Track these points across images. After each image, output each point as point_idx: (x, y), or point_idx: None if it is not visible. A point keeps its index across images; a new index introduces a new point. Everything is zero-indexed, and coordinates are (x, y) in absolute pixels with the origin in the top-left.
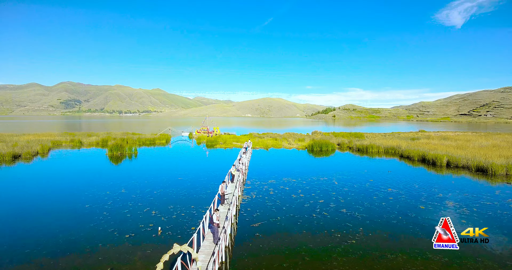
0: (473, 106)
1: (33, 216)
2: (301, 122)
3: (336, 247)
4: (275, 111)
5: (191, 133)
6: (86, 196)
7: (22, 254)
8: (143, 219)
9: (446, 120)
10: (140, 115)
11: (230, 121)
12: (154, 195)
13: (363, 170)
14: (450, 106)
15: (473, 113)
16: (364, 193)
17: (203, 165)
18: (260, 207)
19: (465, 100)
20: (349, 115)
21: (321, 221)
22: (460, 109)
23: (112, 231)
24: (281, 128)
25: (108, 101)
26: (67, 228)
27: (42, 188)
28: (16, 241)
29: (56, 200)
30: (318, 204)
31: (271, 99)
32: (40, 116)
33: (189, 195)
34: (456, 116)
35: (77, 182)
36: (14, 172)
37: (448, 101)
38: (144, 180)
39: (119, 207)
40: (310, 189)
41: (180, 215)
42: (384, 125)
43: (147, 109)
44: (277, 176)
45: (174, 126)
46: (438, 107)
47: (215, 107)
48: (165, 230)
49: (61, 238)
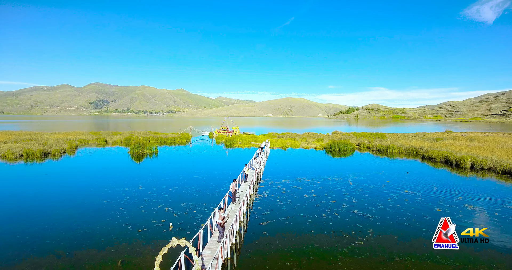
0: (507, 106)
1: (55, 209)
2: (322, 122)
3: (343, 248)
4: (297, 111)
5: (211, 133)
6: (106, 192)
7: (43, 245)
8: (156, 215)
9: (476, 120)
10: (164, 115)
11: (251, 121)
12: (169, 192)
13: (380, 171)
14: (481, 105)
15: (506, 113)
16: (379, 195)
17: (219, 164)
18: (271, 206)
19: (498, 99)
20: (373, 115)
21: (331, 222)
22: (492, 109)
23: (126, 226)
24: (302, 128)
25: (134, 102)
26: (85, 221)
27: (66, 183)
28: (37, 232)
29: (78, 195)
30: (330, 204)
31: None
32: (71, 116)
33: (203, 193)
34: (487, 116)
35: (99, 178)
36: (43, 168)
37: (479, 100)
38: (161, 177)
39: (134, 203)
40: (323, 189)
41: (191, 212)
42: (409, 125)
43: (171, 109)
44: (291, 176)
45: (196, 125)
46: (468, 106)
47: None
48: (176, 226)
49: (78, 231)
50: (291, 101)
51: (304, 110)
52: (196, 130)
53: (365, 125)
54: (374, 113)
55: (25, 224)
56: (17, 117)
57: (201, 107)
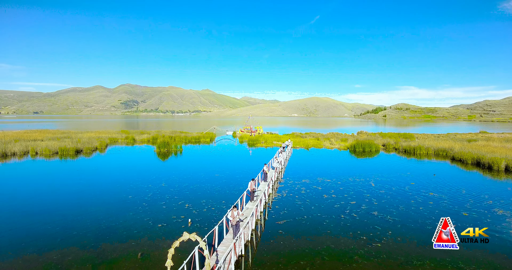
0: None
1: (84, 203)
2: (348, 122)
3: (359, 249)
4: (322, 110)
5: (235, 132)
6: (131, 188)
7: (71, 236)
8: (176, 211)
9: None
10: (191, 114)
11: (275, 120)
12: (190, 190)
13: (405, 173)
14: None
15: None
16: (401, 197)
17: (241, 163)
18: (289, 206)
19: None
20: (402, 115)
21: (348, 223)
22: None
23: (147, 220)
24: (326, 128)
25: (162, 102)
26: (110, 215)
27: (95, 179)
28: (67, 224)
29: (105, 190)
30: (349, 205)
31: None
32: (103, 116)
33: (222, 191)
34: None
35: (125, 175)
36: (75, 165)
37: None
38: (184, 175)
39: (157, 199)
40: (344, 190)
41: (210, 209)
42: (441, 125)
43: (197, 109)
44: (312, 176)
45: (221, 125)
46: (506, 106)
47: (262, 107)
48: (195, 222)
49: (103, 224)
50: (316, 100)
51: (329, 109)
52: (220, 130)
53: (393, 125)
54: (403, 113)
55: (56, 216)
56: (55, 116)
57: (227, 107)
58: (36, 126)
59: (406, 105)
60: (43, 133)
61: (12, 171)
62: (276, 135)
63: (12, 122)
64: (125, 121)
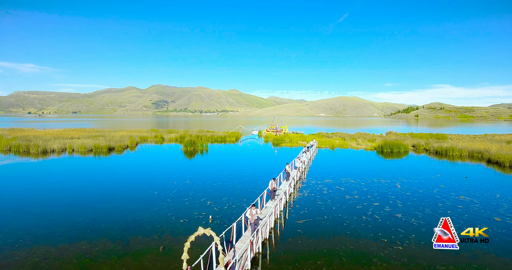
0: None
1: (113, 198)
2: (377, 122)
3: (379, 252)
4: (350, 110)
5: (260, 132)
6: (157, 184)
7: (99, 228)
8: (199, 208)
9: None
10: (218, 114)
11: (302, 120)
12: (213, 187)
13: (435, 175)
14: None
15: None
16: (429, 199)
17: (264, 162)
18: (309, 205)
19: None
20: (435, 115)
21: (370, 224)
22: None
23: (170, 216)
24: (354, 128)
25: (191, 102)
26: (137, 209)
27: (125, 175)
28: (97, 217)
29: (133, 186)
30: (372, 207)
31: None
32: (135, 115)
33: (244, 189)
34: None
35: (153, 172)
36: (107, 161)
37: None
38: (208, 173)
39: (181, 195)
40: (368, 191)
41: (231, 207)
42: (478, 126)
43: (225, 109)
44: (335, 176)
45: (247, 125)
46: None
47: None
48: (215, 218)
49: (130, 217)
50: (345, 100)
51: (358, 109)
52: (246, 129)
53: (426, 125)
54: (437, 113)
55: (88, 209)
56: (91, 116)
57: (253, 107)
58: (73, 125)
59: (440, 104)
60: (79, 131)
61: (51, 167)
62: (302, 135)
63: (53, 121)
64: (155, 120)
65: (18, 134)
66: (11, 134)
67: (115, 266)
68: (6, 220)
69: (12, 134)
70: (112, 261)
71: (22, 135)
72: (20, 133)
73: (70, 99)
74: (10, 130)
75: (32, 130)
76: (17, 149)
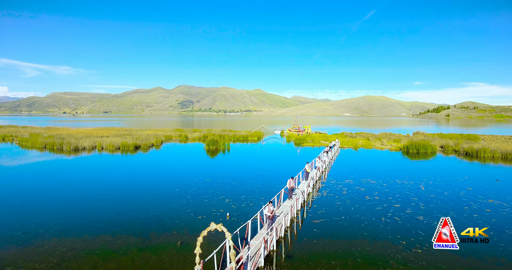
0: None
1: (137, 193)
2: (405, 122)
3: (397, 254)
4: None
5: (283, 131)
6: (178, 181)
7: (122, 222)
8: (217, 205)
9: None
10: (242, 114)
11: (326, 120)
12: (232, 186)
13: (462, 177)
14: None
15: None
16: (454, 202)
17: (285, 162)
18: (327, 205)
19: None
20: (468, 114)
21: (389, 226)
22: None
23: (189, 212)
24: (380, 128)
25: (215, 101)
26: (158, 205)
27: (149, 173)
28: (120, 211)
29: (156, 183)
30: (392, 209)
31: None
32: (162, 115)
33: (263, 188)
34: None
35: (175, 170)
36: (134, 159)
37: None
38: (228, 172)
39: (200, 193)
40: (389, 192)
41: (248, 205)
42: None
43: (248, 108)
44: (356, 177)
45: (270, 124)
46: None
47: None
48: (233, 216)
49: (151, 213)
50: (371, 99)
51: (384, 109)
52: (268, 129)
53: (458, 125)
54: (470, 112)
55: (113, 204)
56: (121, 116)
57: (277, 106)
58: (104, 124)
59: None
60: (109, 130)
61: (81, 164)
62: (324, 134)
63: (85, 121)
64: (180, 120)
65: (53, 132)
66: (47, 133)
67: (135, 259)
68: (39, 212)
69: (47, 133)
70: (133, 254)
71: (56, 133)
72: (55, 131)
73: (101, 100)
74: (46, 129)
75: (65, 129)
76: (52, 147)
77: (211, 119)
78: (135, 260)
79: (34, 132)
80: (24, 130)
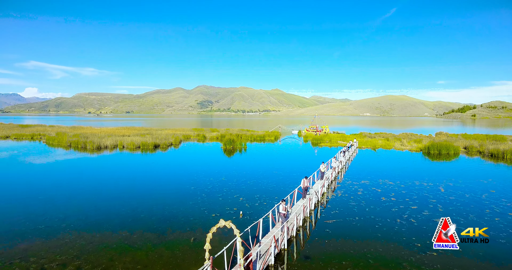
0: None
1: (154, 191)
2: (428, 122)
3: (410, 256)
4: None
5: (300, 131)
6: (194, 180)
7: (139, 218)
8: (231, 203)
9: None
10: (260, 114)
11: (345, 120)
12: (246, 184)
13: (486, 179)
14: None
15: None
16: (474, 205)
17: (301, 161)
18: (341, 206)
19: None
20: (496, 114)
21: (404, 228)
22: None
23: (203, 210)
24: (402, 128)
25: (234, 102)
26: (173, 203)
27: (166, 171)
28: (137, 208)
29: (172, 181)
30: (409, 210)
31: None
32: (182, 115)
33: (277, 187)
34: None
35: (192, 168)
36: (153, 157)
37: None
38: (243, 171)
39: (215, 191)
40: (406, 193)
41: (262, 204)
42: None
43: (267, 108)
44: (372, 177)
45: (289, 124)
46: None
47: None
48: (246, 214)
49: (167, 210)
50: (392, 99)
51: (406, 108)
52: (285, 129)
53: (485, 126)
54: (498, 112)
55: (131, 200)
56: (142, 115)
57: (295, 106)
58: (126, 123)
59: (502, 103)
60: (130, 129)
61: (103, 162)
62: (342, 134)
63: (109, 120)
64: (200, 120)
65: (78, 131)
66: (72, 132)
67: (149, 253)
68: (62, 207)
69: (73, 132)
70: (147, 249)
71: (81, 132)
72: (80, 131)
73: (124, 100)
74: (72, 128)
75: (89, 128)
76: (76, 145)
77: (230, 119)
78: (149, 254)
79: (60, 131)
80: (51, 129)
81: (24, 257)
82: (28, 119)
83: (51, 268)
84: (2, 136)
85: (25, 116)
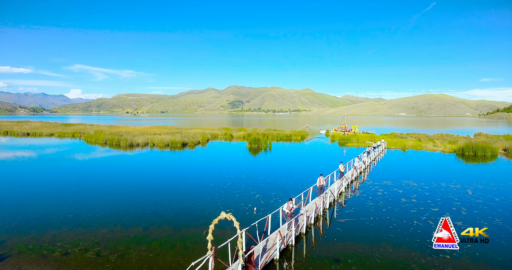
0: None
1: (175, 186)
2: (469, 123)
3: (421, 259)
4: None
5: (328, 131)
6: (215, 177)
7: (158, 211)
8: (247, 200)
9: None
10: (291, 113)
11: (378, 120)
12: (265, 182)
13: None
14: None
15: None
16: (504, 209)
17: (324, 161)
18: (358, 205)
19: None
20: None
21: (419, 230)
22: None
23: (219, 205)
24: (439, 128)
25: (264, 101)
26: (192, 198)
27: (190, 168)
28: (159, 202)
29: (194, 177)
30: (428, 212)
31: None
32: (213, 115)
33: (294, 185)
34: None
35: (215, 166)
36: (180, 155)
37: None
38: (264, 169)
39: (233, 188)
40: (429, 195)
41: (277, 201)
42: None
43: (297, 108)
44: (396, 178)
45: (319, 124)
46: None
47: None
48: (260, 210)
49: (185, 204)
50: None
51: (446, 108)
52: (313, 128)
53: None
54: None
55: (153, 194)
56: (175, 115)
57: (327, 106)
58: (159, 123)
59: None
60: (162, 128)
61: (133, 158)
62: (372, 134)
63: (143, 120)
64: (230, 119)
65: (114, 130)
66: (109, 130)
67: (163, 244)
68: (90, 199)
69: (109, 130)
70: (162, 239)
71: (117, 131)
72: (116, 129)
73: (159, 101)
74: (109, 127)
75: (125, 127)
76: (111, 143)
77: (260, 118)
78: (163, 245)
79: (99, 129)
80: (91, 128)
81: (52, 242)
82: (72, 118)
83: (74, 252)
84: (47, 134)
85: (69, 116)
